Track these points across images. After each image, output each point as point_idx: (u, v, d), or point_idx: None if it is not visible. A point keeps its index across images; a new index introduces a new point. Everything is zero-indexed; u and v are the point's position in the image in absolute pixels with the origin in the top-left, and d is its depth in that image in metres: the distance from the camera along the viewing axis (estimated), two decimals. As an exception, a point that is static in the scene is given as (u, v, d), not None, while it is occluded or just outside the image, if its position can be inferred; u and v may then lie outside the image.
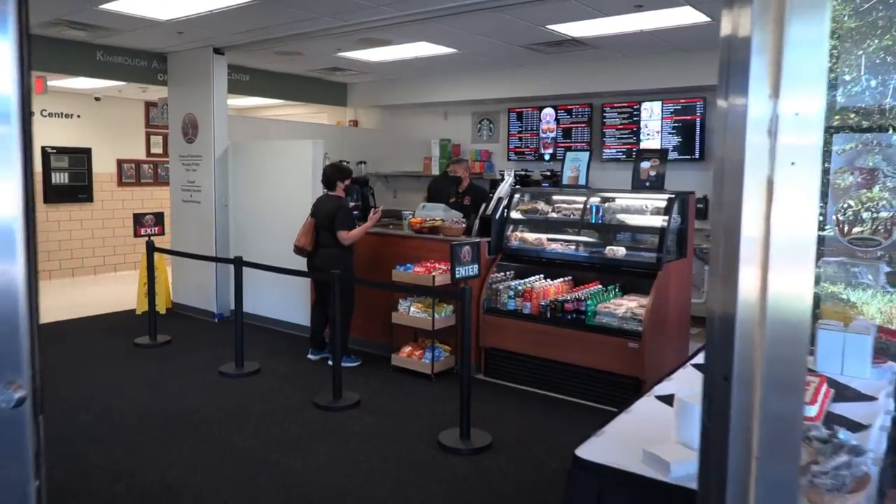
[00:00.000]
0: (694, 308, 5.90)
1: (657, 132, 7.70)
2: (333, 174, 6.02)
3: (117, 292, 8.79)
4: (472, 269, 4.44)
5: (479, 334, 5.60)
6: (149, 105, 10.70)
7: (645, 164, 5.49)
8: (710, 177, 7.67)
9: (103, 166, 10.37)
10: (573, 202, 5.68)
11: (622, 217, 5.34)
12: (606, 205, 5.45)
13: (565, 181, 5.87)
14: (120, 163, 10.58)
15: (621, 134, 7.96)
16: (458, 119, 9.56)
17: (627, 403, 2.46)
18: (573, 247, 5.52)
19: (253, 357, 5.97)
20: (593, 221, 5.42)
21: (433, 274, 5.44)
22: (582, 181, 5.75)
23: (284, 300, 7.04)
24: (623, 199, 5.45)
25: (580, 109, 8.25)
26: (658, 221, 5.08)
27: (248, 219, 7.44)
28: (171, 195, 8.00)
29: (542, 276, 5.66)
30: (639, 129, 7.82)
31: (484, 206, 5.91)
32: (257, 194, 7.31)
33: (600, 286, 5.43)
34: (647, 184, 5.44)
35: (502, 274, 5.73)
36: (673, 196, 5.06)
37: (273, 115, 11.25)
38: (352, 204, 9.15)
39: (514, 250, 5.72)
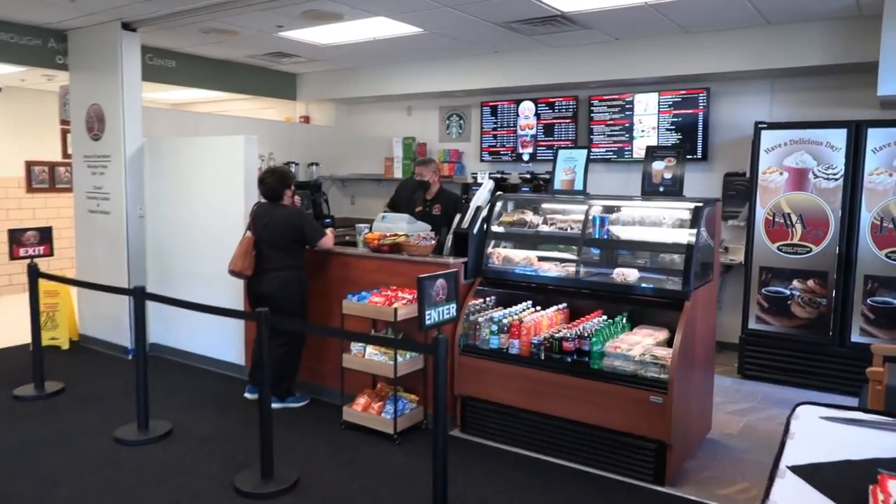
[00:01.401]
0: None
1: (653, 128, 6.64)
2: (277, 182, 4.85)
3: (20, 322, 7.37)
4: (449, 311, 3.28)
5: (454, 379, 4.43)
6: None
7: (658, 165, 4.39)
8: (714, 180, 6.73)
9: (8, 169, 8.90)
10: (570, 212, 4.55)
11: (634, 231, 4.22)
12: (613, 216, 4.33)
13: (557, 185, 4.74)
14: (29, 165, 9.11)
15: (612, 131, 6.88)
16: (423, 114, 8.38)
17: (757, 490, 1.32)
18: (571, 268, 4.38)
19: (168, 410, 4.72)
20: (596, 237, 4.29)
21: (395, 306, 4.26)
22: (579, 185, 4.63)
23: (217, 333, 5.75)
24: (634, 209, 4.34)
25: (564, 103, 7.15)
26: (682, 237, 3.97)
27: (169, 232, 6.14)
28: (74, 204, 6.63)
29: (530, 303, 4.53)
30: (632, 125, 6.75)
31: (458, 217, 4.74)
32: (180, 202, 6.01)
33: (604, 317, 4.31)
34: (662, 189, 4.35)
35: (482, 302, 4.58)
36: (700, 204, 3.96)
37: (212, 110, 9.92)
38: (300, 212, 7.92)
39: (497, 272, 4.57)
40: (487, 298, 4.62)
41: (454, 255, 4.56)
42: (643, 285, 4.08)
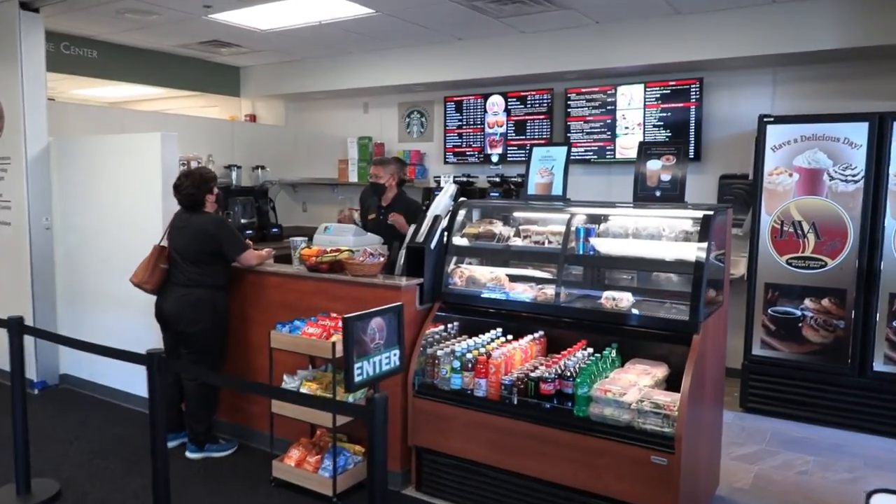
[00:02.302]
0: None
1: (638, 125, 5.89)
2: (195, 188, 4.01)
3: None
4: (390, 360, 2.47)
5: (407, 427, 3.61)
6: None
7: (654, 165, 3.61)
8: (708, 183, 5.80)
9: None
10: (547, 222, 3.75)
11: (626, 246, 3.43)
12: (600, 226, 3.54)
13: (532, 190, 3.95)
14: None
15: (592, 128, 6.12)
16: (381, 112, 7.55)
17: None
18: (549, 291, 3.57)
19: (63, 463, 3.89)
20: (580, 252, 3.48)
21: (333, 339, 3.41)
22: (558, 190, 3.84)
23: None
24: (626, 218, 3.54)
25: (538, 97, 6.37)
26: (688, 252, 3.19)
27: (80, 246, 5.21)
28: (-32, 214, 5.67)
29: (500, 331, 3.72)
30: (614, 121, 6.00)
31: (413, 228, 3.91)
32: (92, 211, 5.09)
33: (589, 349, 3.51)
34: (658, 193, 3.57)
35: (442, 330, 3.76)
36: (710, 213, 3.18)
37: (153, 109, 8.97)
38: (243, 221, 7.06)
39: (460, 296, 3.75)
40: (449, 325, 3.81)
41: (407, 274, 3.73)
42: (639, 313, 3.28)
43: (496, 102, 6.59)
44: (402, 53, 6.62)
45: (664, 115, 5.76)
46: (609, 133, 6.02)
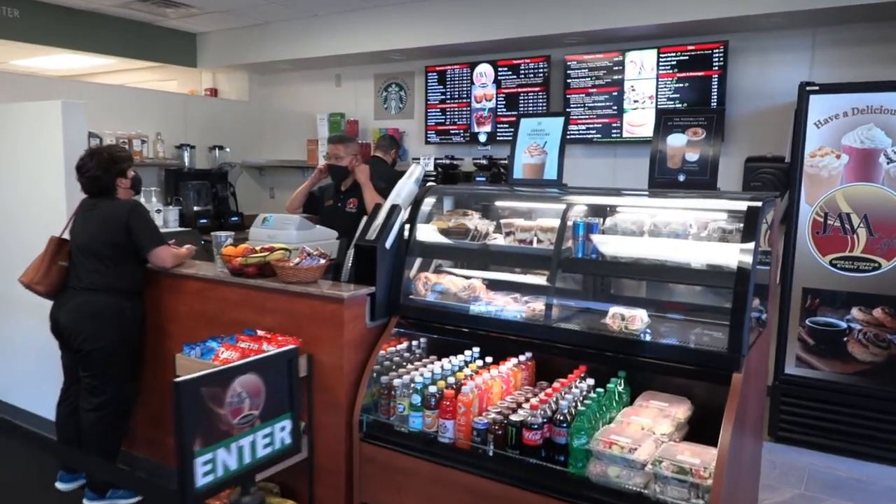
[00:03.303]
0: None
1: (650, 98, 5.03)
2: (102, 170, 3.20)
3: None
4: (272, 440, 1.60)
5: (352, 479, 2.78)
6: None
7: (676, 140, 2.77)
8: (731, 167, 4.46)
9: None
10: (537, 214, 2.90)
11: (640, 246, 2.57)
12: (607, 221, 2.68)
13: (518, 173, 3.10)
14: None
15: (595, 101, 5.25)
16: (355, 85, 6.67)
17: None
18: (538, 305, 2.73)
19: None
20: (580, 255, 2.63)
21: (250, 369, 2.58)
22: (551, 173, 2.99)
23: (34, 379, 4.01)
24: (640, 210, 2.68)
25: (532, 65, 5.49)
26: (727, 257, 2.34)
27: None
28: None
29: (477, 351, 2.88)
30: (621, 93, 5.13)
31: (364, 221, 3.04)
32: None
33: (588, 379, 2.67)
34: (682, 177, 2.72)
35: (405, 349, 2.93)
36: (757, 204, 2.33)
37: (107, 82, 8.08)
38: (196, 209, 6.19)
39: (424, 310, 2.90)
40: (410, 346, 2.97)
41: (356, 281, 2.89)
42: (657, 341, 2.44)
43: (484, 72, 5.71)
44: (378, 15, 5.74)
45: (681, 86, 4.89)
46: (615, 108, 5.16)
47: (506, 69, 5.60)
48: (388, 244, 2.84)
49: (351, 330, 2.70)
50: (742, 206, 2.36)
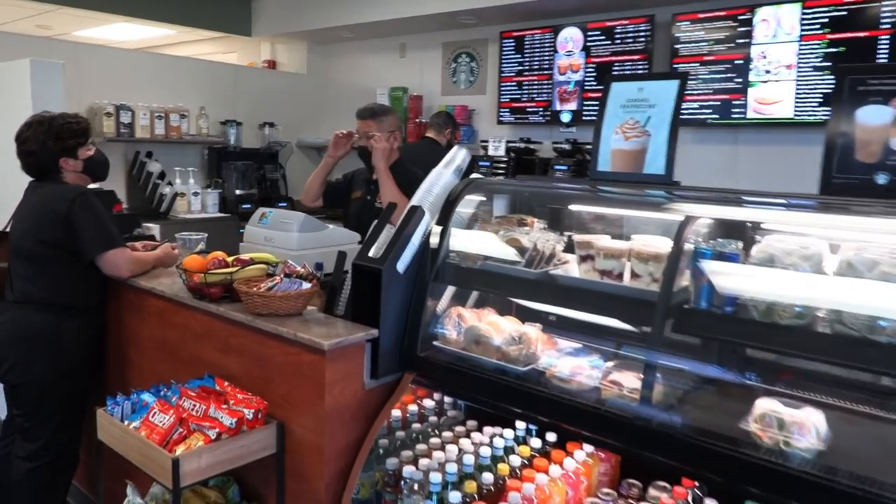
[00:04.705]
0: None
1: (788, 67, 3.86)
2: (41, 144, 2.47)
3: None
4: None
5: None
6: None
7: (872, 117, 1.67)
8: None
9: None
10: (634, 229, 1.90)
11: (821, 291, 1.51)
12: (753, 250, 1.63)
13: (604, 165, 2.09)
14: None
15: (711, 73, 4.12)
16: (421, 56, 5.78)
17: None
18: (629, 378, 1.71)
19: None
20: (703, 303, 1.61)
21: (178, 450, 1.74)
22: (657, 166, 1.97)
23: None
24: (810, 230, 1.61)
25: (631, 27, 4.41)
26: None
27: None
28: None
29: (527, 430, 1.92)
30: (748, 61, 3.98)
31: (372, 229, 2.12)
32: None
33: (704, 499, 1.65)
34: (884, 178, 1.64)
35: (427, 410, 2.02)
36: None
37: (172, 52, 7.56)
38: (238, 192, 5.51)
39: (452, 365, 1.94)
40: (427, 419, 2.06)
41: (353, 316, 1.97)
42: (850, 475, 1.39)
43: (571, 38, 4.67)
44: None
45: (832, 51, 3.70)
46: (739, 80, 4.01)
47: (597, 33, 4.53)
48: (400, 266, 1.91)
49: (337, 394, 1.81)
50: None
